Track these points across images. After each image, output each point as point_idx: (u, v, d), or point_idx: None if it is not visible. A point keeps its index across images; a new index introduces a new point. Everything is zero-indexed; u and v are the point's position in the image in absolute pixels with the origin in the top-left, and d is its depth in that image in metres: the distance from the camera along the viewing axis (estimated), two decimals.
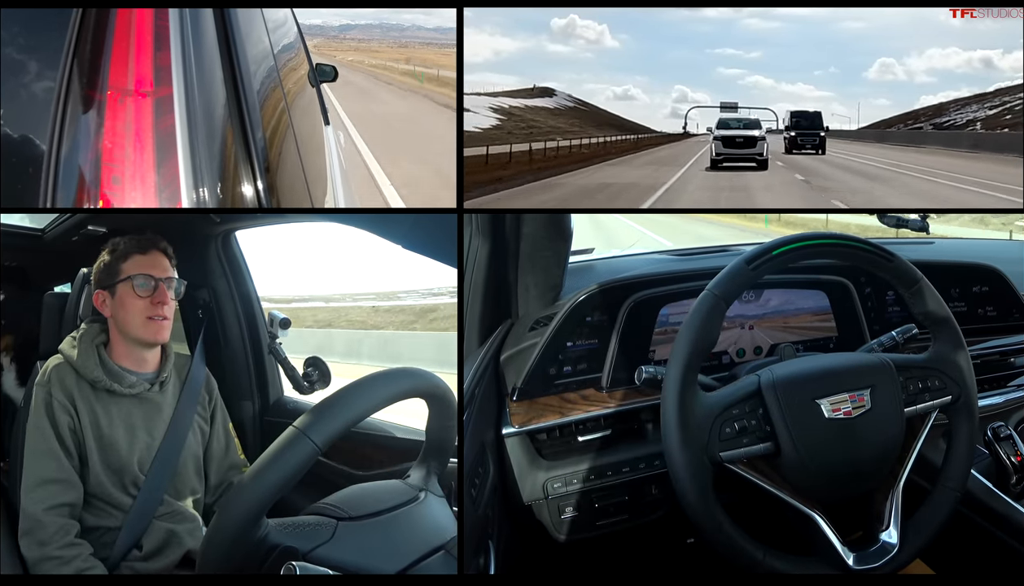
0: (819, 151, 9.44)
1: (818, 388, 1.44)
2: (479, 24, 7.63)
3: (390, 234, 1.39)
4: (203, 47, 1.17)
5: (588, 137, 7.19)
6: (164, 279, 1.78)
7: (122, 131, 1.07)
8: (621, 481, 1.74)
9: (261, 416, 2.43)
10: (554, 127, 6.85)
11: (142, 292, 1.75)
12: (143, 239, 1.81)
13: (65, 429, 1.68)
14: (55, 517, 1.63)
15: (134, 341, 1.77)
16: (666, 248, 3.35)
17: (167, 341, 1.82)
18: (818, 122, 9.68)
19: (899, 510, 1.48)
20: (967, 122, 10.09)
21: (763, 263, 1.43)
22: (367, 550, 1.25)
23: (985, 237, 6.40)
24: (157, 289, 1.76)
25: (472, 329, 1.82)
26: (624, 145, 7.64)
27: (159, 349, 1.83)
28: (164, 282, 1.78)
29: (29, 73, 1.10)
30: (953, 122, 10.41)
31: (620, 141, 7.74)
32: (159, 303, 1.76)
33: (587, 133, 7.27)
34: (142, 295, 1.75)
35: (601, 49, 8.43)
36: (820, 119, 9.74)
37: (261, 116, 1.30)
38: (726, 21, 8.18)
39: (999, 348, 2.05)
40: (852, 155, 9.60)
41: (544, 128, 6.42)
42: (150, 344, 1.79)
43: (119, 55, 1.09)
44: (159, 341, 1.80)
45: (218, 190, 1.11)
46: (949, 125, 10.41)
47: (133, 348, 1.78)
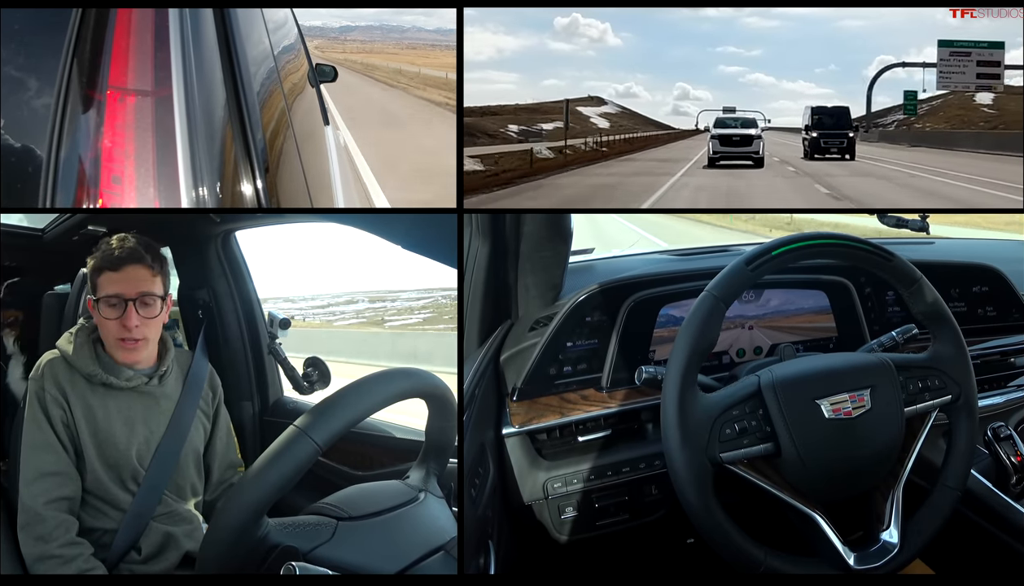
0: (846, 156, 7.64)
1: (818, 388, 1.44)
2: (483, 22, 7.69)
3: (390, 234, 1.39)
4: (203, 47, 1.17)
5: (645, 132, 8.99)
6: (136, 298, 1.67)
7: (122, 131, 1.07)
8: (621, 481, 1.74)
9: (261, 416, 2.43)
10: (626, 126, 8.82)
11: (109, 314, 1.68)
12: (119, 252, 1.70)
13: (58, 423, 1.67)
14: (54, 512, 1.62)
15: (112, 356, 1.74)
16: (666, 248, 3.35)
17: (142, 360, 1.75)
18: (844, 120, 7.78)
19: (899, 510, 1.48)
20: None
21: (763, 263, 1.43)
22: (367, 550, 1.25)
23: (985, 237, 6.33)
24: (126, 311, 1.67)
25: (472, 329, 1.82)
26: (664, 138, 9.19)
27: (157, 343, 1.81)
28: (135, 302, 1.67)
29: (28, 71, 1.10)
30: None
31: (663, 135, 9.17)
32: (125, 326, 1.68)
33: (644, 129, 9.01)
34: (109, 317, 1.68)
35: (603, 47, 8.47)
36: (847, 117, 7.80)
37: (261, 116, 1.31)
38: (727, 20, 8.20)
39: (999, 348, 2.05)
40: (891, 163, 7.71)
41: (628, 126, 8.76)
42: (125, 364, 1.74)
43: (119, 55, 1.09)
44: (131, 363, 1.74)
45: (218, 190, 1.11)
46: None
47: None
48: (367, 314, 21.88)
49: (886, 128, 8.80)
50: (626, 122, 9.10)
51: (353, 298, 24.13)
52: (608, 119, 9.16)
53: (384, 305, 22.88)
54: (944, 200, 5.93)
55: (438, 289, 21.20)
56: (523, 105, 8.28)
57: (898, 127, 8.74)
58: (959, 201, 5.89)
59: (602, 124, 9.04)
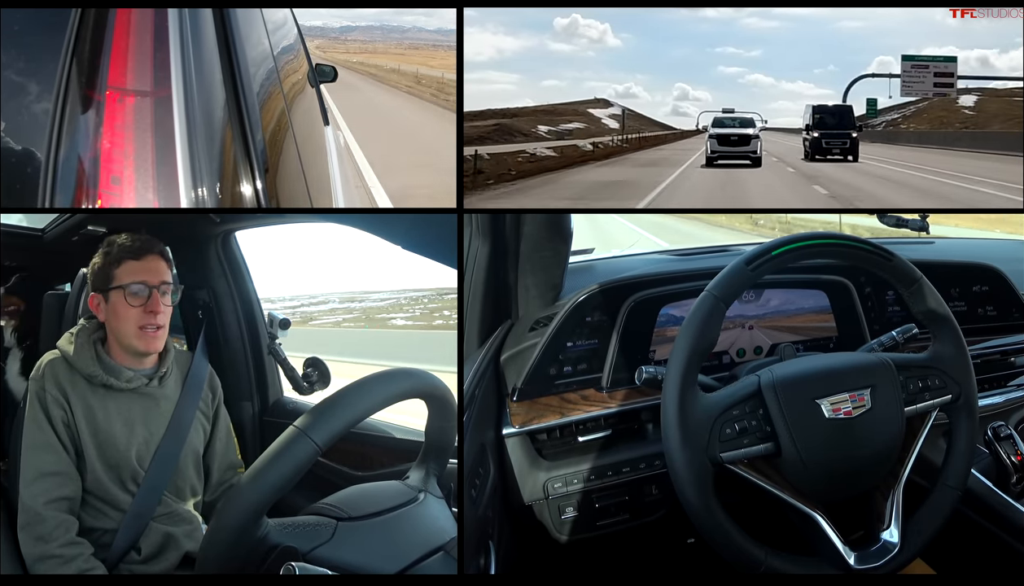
0: (849, 157, 7.28)
1: (818, 388, 1.43)
2: (483, 23, 7.72)
3: (390, 234, 1.39)
4: (203, 48, 1.17)
5: (650, 131, 9.41)
6: (159, 285, 1.73)
7: (121, 131, 1.07)
8: (621, 481, 1.74)
9: (260, 416, 2.43)
10: (633, 126, 9.24)
11: (134, 301, 1.71)
12: (138, 243, 1.76)
13: (59, 423, 1.67)
14: (55, 512, 1.62)
15: (127, 349, 1.75)
16: (666, 248, 3.35)
17: (161, 349, 1.79)
18: (848, 120, 7.47)
19: (900, 509, 1.48)
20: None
21: (763, 263, 1.43)
22: (367, 550, 1.25)
23: (986, 237, 6.32)
24: (151, 297, 1.72)
25: (472, 329, 1.82)
26: (670, 137, 9.57)
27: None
28: (158, 289, 1.73)
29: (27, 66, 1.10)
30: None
31: (665, 134, 9.59)
32: (152, 312, 1.71)
33: (648, 129, 9.37)
34: (134, 304, 1.71)
35: (603, 48, 8.48)
36: (850, 116, 7.49)
37: (261, 117, 1.30)
38: (726, 20, 8.19)
39: (999, 348, 2.05)
40: (894, 164, 7.50)
41: (635, 126, 9.17)
42: (142, 354, 1.76)
43: (118, 55, 1.09)
44: (151, 351, 1.76)
45: (217, 190, 1.11)
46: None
47: (127, 352, 1.77)
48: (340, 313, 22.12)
49: (874, 128, 8.87)
50: (633, 122, 9.32)
51: (326, 299, 24.44)
52: (617, 120, 9.40)
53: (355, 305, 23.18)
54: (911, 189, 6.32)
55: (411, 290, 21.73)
56: (539, 106, 8.70)
57: (885, 128, 8.89)
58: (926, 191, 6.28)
59: (613, 125, 9.36)
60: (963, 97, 8.41)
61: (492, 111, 7.97)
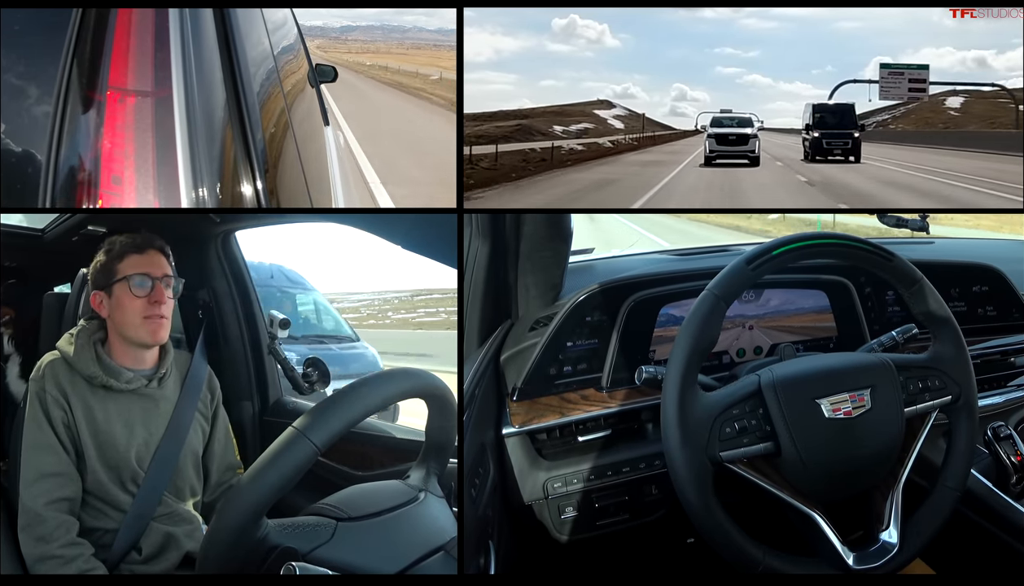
0: (851, 158, 7.08)
1: (818, 388, 1.44)
2: (481, 24, 7.73)
3: (390, 234, 1.39)
4: (203, 48, 1.17)
5: (651, 131, 9.66)
6: (161, 277, 1.76)
7: (121, 131, 1.07)
8: (621, 481, 1.74)
9: (260, 417, 2.43)
10: (636, 126, 9.51)
11: (139, 292, 1.74)
12: (139, 238, 1.80)
13: (59, 423, 1.68)
14: (55, 512, 1.62)
15: (132, 341, 1.77)
16: (666, 248, 3.35)
17: (166, 340, 1.81)
18: (849, 119, 7.25)
19: (899, 510, 1.48)
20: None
21: (763, 263, 1.43)
22: (367, 550, 1.25)
23: (985, 236, 6.31)
24: (154, 288, 1.75)
25: (472, 329, 1.82)
26: (673, 136, 9.77)
27: (158, 346, 1.82)
28: (161, 281, 1.76)
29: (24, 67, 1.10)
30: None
31: (666, 134, 9.78)
32: (156, 302, 1.74)
33: (651, 129, 9.62)
34: (139, 295, 1.74)
35: (601, 48, 8.50)
36: (852, 115, 7.27)
37: (261, 117, 1.31)
38: (724, 21, 8.20)
39: (999, 348, 2.05)
40: (897, 164, 7.31)
41: (637, 126, 9.43)
42: (148, 345, 1.78)
43: (119, 55, 1.09)
44: (157, 341, 1.78)
45: (218, 190, 1.11)
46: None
47: (131, 347, 1.77)
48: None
49: (867, 129, 8.98)
50: (635, 122, 9.43)
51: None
52: (621, 121, 9.52)
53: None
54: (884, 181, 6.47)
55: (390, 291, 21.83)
56: (548, 108, 9.00)
57: (876, 128, 9.03)
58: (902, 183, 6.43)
59: (618, 125, 9.55)
60: (950, 99, 8.82)
61: (506, 112, 8.35)
